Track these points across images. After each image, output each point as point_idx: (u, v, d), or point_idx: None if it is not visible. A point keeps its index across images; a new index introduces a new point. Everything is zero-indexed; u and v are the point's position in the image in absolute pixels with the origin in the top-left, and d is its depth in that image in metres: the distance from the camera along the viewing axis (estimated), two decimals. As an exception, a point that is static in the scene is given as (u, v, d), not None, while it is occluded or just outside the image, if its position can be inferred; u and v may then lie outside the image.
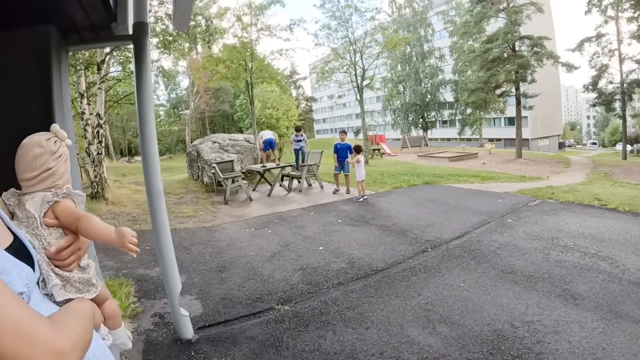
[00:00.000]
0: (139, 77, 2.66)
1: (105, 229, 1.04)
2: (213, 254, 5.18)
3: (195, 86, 42.87)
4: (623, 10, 23.71)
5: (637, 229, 5.40)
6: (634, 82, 24.26)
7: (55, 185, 0.97)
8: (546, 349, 2.60)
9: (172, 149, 47.00)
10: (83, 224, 0.99)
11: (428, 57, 46.78)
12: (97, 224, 1.03)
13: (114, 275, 4.38)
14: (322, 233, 5.91)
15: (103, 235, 1.03)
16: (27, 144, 0.96)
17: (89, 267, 1.05)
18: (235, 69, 14.59)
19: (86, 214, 1.03)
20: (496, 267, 4.15)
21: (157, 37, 10.71)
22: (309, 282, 4.04)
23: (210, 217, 7.58)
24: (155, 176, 2.77)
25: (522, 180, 12.69)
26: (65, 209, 0.98)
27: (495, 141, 40.64)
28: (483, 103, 24.70)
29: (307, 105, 75.21)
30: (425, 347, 2.70)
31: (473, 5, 25.09)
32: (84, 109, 9.45)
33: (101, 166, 9.47)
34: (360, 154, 8.88)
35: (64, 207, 0.98)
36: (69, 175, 1.03)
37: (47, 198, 0.94)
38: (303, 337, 2.93)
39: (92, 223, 1.01)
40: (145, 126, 2.70)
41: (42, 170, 0.94)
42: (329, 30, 19.88)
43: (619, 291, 3.43)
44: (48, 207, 0.94)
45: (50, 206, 0.95)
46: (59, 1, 2.07)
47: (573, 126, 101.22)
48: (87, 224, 1.00)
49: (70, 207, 1.00)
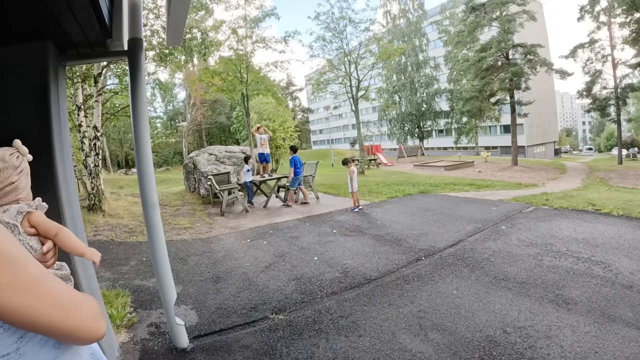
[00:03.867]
0: (134, 91, 2.71)
1: (79, 244, 1.12)
2: (209, 265, 5.20)
3: (192, 98, 43.12)
4: (615, 15, 23.86)
5: (630, 232, 5.45)
6: (628, 86, 24.39)
7: (18, 199, 1.01)
8: (538, 354, 2.61)
9: (169, 161, 47.05)
10: (63, 236, 1.06)
11: (423, 67, 47.15)
12: (74, 237, 1.11)
13: (110, 286, 4.39)
14: (317, 243, 5.94)
15: (79, 249, 1.11)
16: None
17: (63, 267, 1.10)
18: (231, 81, 14.74)
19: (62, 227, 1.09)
20: (489, 274, 4.18)
21: (153, 50, 10.81)
22: (303, 292, 4.06)
23: (206, 229, 7.60)
24: (150, 188, 2.82)
25: (517, 187, 12.77)
26: (43, 220, 1.03)
27: (492, 149, 40.81)
28: (478, 111, 24.83)
29: (303, 117, 75.62)
30: (417, 354, 2.72)
31: (466, 15, 25.32)
32: (81, 122, 9.50)
33: (98, 178, 9.49)
34: (353, 165, 8.87)
35: (41, 217, 1.03)
36: (29, 189, 1.07)
37: (22, 209, 0.99)
38: (297, 346, 2.95)
39: (71, 236, 1.09)
40: (140, 139, 2.75)
41: (5, 185, 0.98)
42: (323, 41, 20.07)
43: (612, 295, 3.45)
44: (22, 217, 0.99)
45: (24, 216, 0.99)
46: (56, 18, 2.13)
47: (569, 132, 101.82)
48: (66, 235, 1.07)
49: (45, 217, 1.06)
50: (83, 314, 0.72)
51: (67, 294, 0.72)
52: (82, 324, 0.72)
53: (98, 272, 4.66)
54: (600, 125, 74.20)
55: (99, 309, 0.78)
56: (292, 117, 31.98)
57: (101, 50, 2.75)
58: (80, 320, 0.71)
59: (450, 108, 42.67)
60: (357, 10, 27.38)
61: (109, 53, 2.86)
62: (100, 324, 0.76)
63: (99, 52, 2.79)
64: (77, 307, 0.72)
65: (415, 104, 45.87)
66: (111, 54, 2.87)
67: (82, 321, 0.72)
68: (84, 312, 0.73)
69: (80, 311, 0.72)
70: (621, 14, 22.99)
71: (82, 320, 0.72)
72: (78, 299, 0.74)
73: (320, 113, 72.21)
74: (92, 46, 2.66)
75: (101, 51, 2.78)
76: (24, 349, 0.69)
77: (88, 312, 0.74)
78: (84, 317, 0.72)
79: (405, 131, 47.37)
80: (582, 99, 27.86)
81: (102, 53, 2.86)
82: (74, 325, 0.70)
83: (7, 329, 0.65)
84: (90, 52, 2.76)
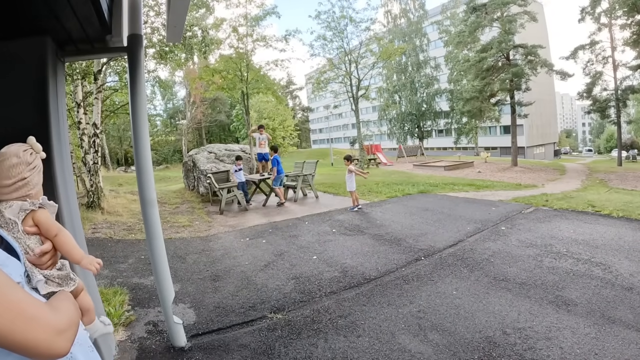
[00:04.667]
0: (133, 88, 2.70)
1: (77, 250, 1.11)
2: (207, 263, 5.18)
3: (192, 96, 43.06)
4: (616, 17, 23.82)
5: (630, 234, 5.43)
6: (628, 88, 24.37)
7: (29, 195, 1.01)
8: (538, 355, 2.60)
9: (168, 159, 47.02)
10: (61, 239, 1.05)
11: (423, 67, 47.14)
12: (73, 242, 1.10)
13: (108, 284, 4.38)
14: (316, 242, 5.93)
15: (74, 255, 1.10)
16: (5, 153, 1.00)
17: (64, 267, 1.09)
18: (231, 80, 14.72)
19: (64, 229, 1.07)
20: (489, 275, 4.17)
21: (153, 48, 10.79)
22: (302, 291, 4.04)
23: (205, 227, 7.59)
24: (149, 186, 2.80)
25: (517, 188, 12.76)
26: (46, 219, 1.03)
27: (491, 150, 40.87)
28: (478, 112, 24.83)
29: (303, 116, 75.56)
30: (417, 355, 2.70)
31: (467, 15, 25.31)
32: (81, 119, 9.48)
33: (97, 176, 9.47)
34: (352, 164, 8.80)
35: (44, 216, 1.02)
36: (41, 186, 1.07)
37: (25, 206, 0.98)
38: (295, 345, 2.93)
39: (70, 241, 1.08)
40: (139, 136, 2.73)
41: (17, 179, 0.98)
42: (324, 40, 20.11)
43: (612, 296, 3.44)
44: (25, 215, 0.98)
45: (27, 214, 0.98)
46: (55, 14, 2.11)
47: (569, 133, 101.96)
48: (65, 239, 1.07)
49: (49, 217, 1.05)
50: (40, 329, 0.70)
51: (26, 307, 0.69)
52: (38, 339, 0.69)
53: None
54: (600, 126, 74.26)
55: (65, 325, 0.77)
56: (292, 116, 32.04)
57: (100, 46, 2.73)
58: (35, 336, 0.68)
59: (450, 108, 42.68)
60: (358, 10, 27.50)
61: (109, 49, 2.83)
62: (60, 341, 0.74)
63: (98, 48, 2.77)
64: (34, 320, 0.69)
65: (415, 103, 45.87)
66: (110, 50, 2.85)
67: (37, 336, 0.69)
68: (42, 327, 0.71)
69: (37, 326, 0.69)
70: (622, 15, 22.96)
71: (38, 336, 0.69)
72: (39, 312, 0.72)
73: (320, 112, 72.18)
74: (92, 42, 2.64)
75: (100, 47, 2.76)
76: None
77: (47, 328, 0.72)
78: (40, 332, 0.70)
79: (405, 131, 47.38)
80: (582, 101, 27.85)
81: (102, 49, 2.83)
82: (28, 339, 0.67)
83: None
84: (89, 48, 2.74)
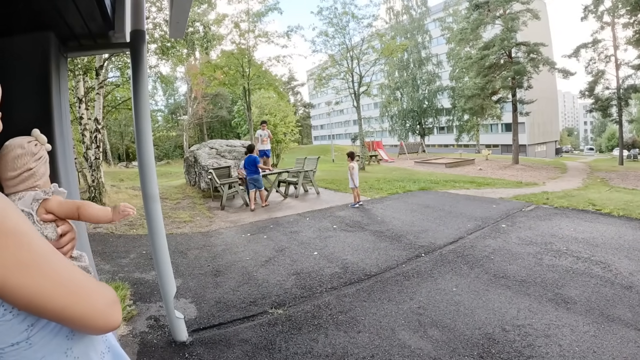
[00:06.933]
0: (136, 83, 2.70)
1: (104, 210, 1.12)
2: (209, 259, 5.20)
3: (193, 92, 43.04)
4: (619, 16, 23.74)
5: (630, 233, 5.44)
6: (631, 87, 24.34)
7: (36, 186, 1.02)
8: (536, 353, 2.62)
9: (169, 154, 47.07)
10: (85, 210, 1.06)
11: (425, 64, 47.08)
12: (97, 207, 1.11)
13: (110, 278, 4.40)
14: (317, 238, 5.94)
15: (103, 217, 1.12)
16: (9, 145, 1.01)
17: (82, 257, 1.10)
18: (233, 75, 14.71)
19: (83, 201, 1.09)
20: (489, 272, 4.18)
21: (155, 43, 10.77)
22: (303, 287, 4.06)
23: (206, 223, 7.61)
24: (151, 181, 2.81)
25: (518, 186, 12.76)
26: (61, 202, 1.03)
27: (493, 147, 40.80)
28: (480, 109, 24.80)
29: (305, 112, 75.48)
30: (416, 351, 2.72)
31: (470, 12, 25.21)
32: (82, 114, 9.48)
33: (99, 171, 9.49)
34: (353, 161, 8.77)
35: (58, 201, 1.03)
36: (47, 177, 1.08)
37: (37, 196, 0.99)
38: (295, 340, 2.95)
39: (93, 208, 1.09)
40: (141, 132, 2.74)
41: (23, 170, 0.99)
42: (326, 37, 20.02)
43: (611, 295, 3.46)
44: (38, 205, 0.99)
45: (40, 203, 0.99)
46: (58, 10, 2.12)
47: (570, 132, 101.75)
48: (88, 209, 1.07)
49: (64, 200, 1.06)
50: (96, 300, 0.69)
51: (80, 278, 0.68)
52: (95, 310, 0.68)
53: (98, 265, 4.69)
54: (602, 125, 74.06)
55: (114, 296, 0.76)
56: (293, 112, 31.94)
57: (103, 41, 2.73)
58: (93, 307, 0.68)
59: (452, 105, 42.63)
60: (360, 6, 27.39)
61: (111, 45, 2.83)
62: (115, 312, 0.73)
63: (100, 43, 2.77)
64: (90, 292, 0.68)
65: (417, 100, 45.82)
66: (113, 45, 2.85)
67: (95, 307, 0.68)
68: (98, 298, 0.70)
69: (94, 297, 0.69)
70: (625, 14, 22.88)
71: (96, 307, 0.68)
72: (92, 283, 0.71)
73: (321, 108, 72.11)
74: (94, 38, 2.64)
75: (103, 43, 2.76)
76: (35, 338, 0.66)
77: (102, 299, 0.71)
78: (97, 303, 0.69)
79: (407, 128, 47.36)
80: (584, 99, 27.83)
81: (104, 45, 2.84)
82: (86, 311, 0.66)
83: (17, 315, 0.63)
84: (92, 44, 2.74)
